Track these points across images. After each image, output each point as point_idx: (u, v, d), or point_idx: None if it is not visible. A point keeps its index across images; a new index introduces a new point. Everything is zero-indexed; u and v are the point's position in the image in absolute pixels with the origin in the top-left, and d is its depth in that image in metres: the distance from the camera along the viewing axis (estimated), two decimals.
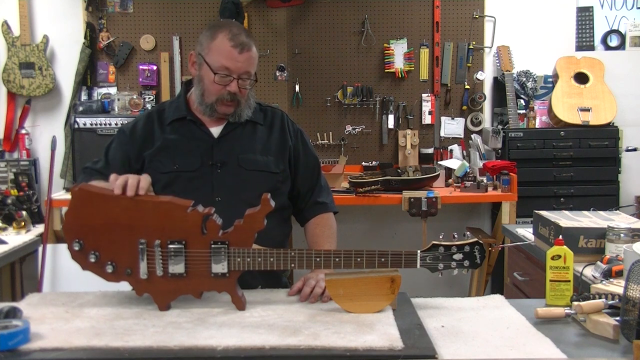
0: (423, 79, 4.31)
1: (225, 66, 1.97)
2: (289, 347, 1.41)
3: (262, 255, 1.68)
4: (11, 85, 4.07)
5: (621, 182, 4.07)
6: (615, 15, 4.33)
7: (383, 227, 4.35)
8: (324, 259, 1.67)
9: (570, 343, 1.47)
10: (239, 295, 1.69)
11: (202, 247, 1.67)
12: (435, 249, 1.67)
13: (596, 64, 4.20)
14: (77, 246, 1.70)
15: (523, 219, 3.46)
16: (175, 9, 4.22)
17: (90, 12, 4.17)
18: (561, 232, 2.02)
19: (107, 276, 1.72)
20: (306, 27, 4.28)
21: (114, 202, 1.70)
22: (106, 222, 1.69)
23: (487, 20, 4.30)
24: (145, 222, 1.68)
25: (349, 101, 4.28)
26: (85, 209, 1.70)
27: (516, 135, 3.97)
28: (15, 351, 1.40)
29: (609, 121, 4.03)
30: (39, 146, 4.20)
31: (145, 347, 1.43)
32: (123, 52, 4.19)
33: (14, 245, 2.79)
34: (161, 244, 1.67)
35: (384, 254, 1.66)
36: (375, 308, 1.64)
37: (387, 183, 3.69)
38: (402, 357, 1.37)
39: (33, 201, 3.53)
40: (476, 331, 1.54)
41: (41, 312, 1.67)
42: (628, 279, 1.44)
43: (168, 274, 1.68)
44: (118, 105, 4.11)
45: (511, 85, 4.11)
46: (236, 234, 1.67)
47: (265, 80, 4.27)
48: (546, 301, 1.73)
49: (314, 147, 4.21)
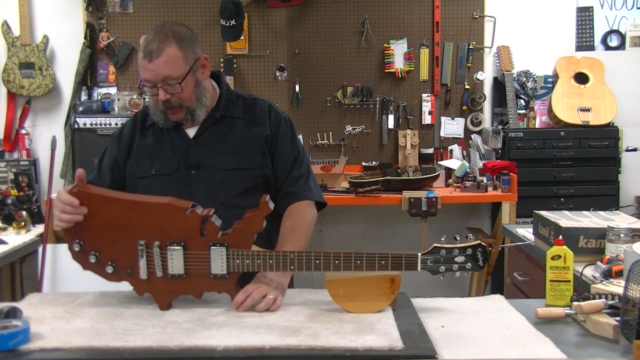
0: (423, 79, 4.31)
1: (144, 78, 1.95)
2: (289, 347, 1.41)
3: (261, 257, 1.67)
4: (11, 85, 4.07)
5: (621, 182, 4.07)
6: (615, 15, 4.33)
7: (383, 227, 4.35)
8: (323, 261, 1.66)
9: (570, 343, 1.47)
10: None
11: (201, 249, 1.67)
12: (436, 252, 1.66)
13: (596, 64, 4.20)
14: (77, 247, 1.71)
15: (523, 219, 3.46)
16: (175, 9, 4.22)
17: (90, 12, 4.17)
18: (561, 232, 2.02)
19: (108, 276, 1.72)
20: (306, 27, 4.28)
21: (113, 203, 1.71)
22: (106, 223, 1.70)
23: (487, 20, 4.30)
24: (145, 223, 1.68)
25: (349, 101, 4.28)
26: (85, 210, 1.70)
27: (516, 135, 3.96)
28: (15, 351, 1.40)
29: (609, 121, 4.03)
30: (39, 146, 4.20)
31: (145, 347, 1.43)
32: (123, 52, 4.19)
33: (14, 245, 2.79)
34: (160, 245, 1.67)
35: (384, 256, 1.65)
36: (375, 308, 1.64)
37: (387, 183, 3.69)
38: (402, 357, 1.37)
39: (33, 201, 3.53)
40: (476, 331, 1.53)
41: (41, 312, 1.67)
42: (628, 279, 1.44)
43: (168, 275, 1.68)
44: (118, 105, 4.10)
45: (511, 85, 4.11)
46: (235, 236, 1.67)
47: (265, 80, 4.27)
48: (546, 301, 1.73)
49: (314, 147, 4.29)
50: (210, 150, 2.01)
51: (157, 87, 1.92)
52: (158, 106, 1.97)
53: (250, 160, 2.01)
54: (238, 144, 2.03)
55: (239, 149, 2.02)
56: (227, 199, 1.88)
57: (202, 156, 2.01)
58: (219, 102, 2.07)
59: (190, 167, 2.00)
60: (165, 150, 2.03)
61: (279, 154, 2.06)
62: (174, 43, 1.91)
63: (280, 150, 2.06)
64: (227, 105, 2.07)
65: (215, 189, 1.96)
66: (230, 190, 1.96)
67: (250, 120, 2.07)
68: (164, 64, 1.90)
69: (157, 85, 1.92)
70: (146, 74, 1.92)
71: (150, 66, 1.90)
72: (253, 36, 4.25)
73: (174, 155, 2.02)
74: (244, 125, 2.06)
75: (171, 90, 1.92)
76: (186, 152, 2.01)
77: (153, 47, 1.90)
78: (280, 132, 2.07)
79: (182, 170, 2.00)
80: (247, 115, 2.08)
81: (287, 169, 2.06)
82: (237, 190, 1.97)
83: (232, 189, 1.96)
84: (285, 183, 2.05)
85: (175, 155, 2.01)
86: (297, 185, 2.05)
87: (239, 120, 2.06)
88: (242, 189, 1.98)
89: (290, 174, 2.06)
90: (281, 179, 2.06)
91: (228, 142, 2.03)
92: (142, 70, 1.93)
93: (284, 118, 2.11)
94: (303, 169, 2.09)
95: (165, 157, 2.02)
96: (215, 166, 2.00)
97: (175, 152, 2.02)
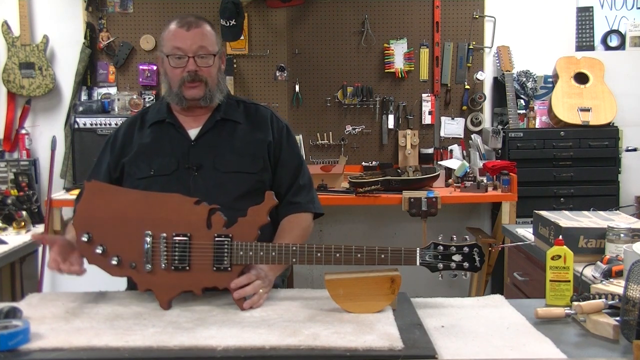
0: (423, 79, 4.31)
1: (176, 46, 1.98)
2: (289, 347, 1.41)
3: (264, 249, 1.68)
4: (11, 85, 4.07)
5: (621, 182, 4.06)
6: (615, 15, 4.33)
7: (383, 227, 4.35)
8: (324, 253, 1.68)
9: (570, 343, 1.47)
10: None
11: (206, 241, 1.68)
12: (434, 248, 1.68)
13: (596, 64, 4.20)
14: (85, 237, 1.72)
15: (523, 219, 3.45)
16: (175, 9, 4.22)
17: (90, 12, 4.17)
18: (561, 232, 2.02)
19: (112, 269, 1.73)
20: (306, 27, 4.28)
21: (125, 195, 1.75)
22: (116, 215, 1.72)
23: (487, 20, 4.30)
24: (153, 215, 1.70)
25: (349, 101, 4.28)
26: (97, 201, 1.74)
27: (516, 135, 3.96)
28: (15, 351, 1.40)
29: (609, 121, 4.03)
30: (39, 146, 4.20)
31: (145, 347, 1.43)
32: (123, 52, 4.19)
33: (14, 245, 2.79)
34: (167, 236, 1.69)
35: (383, 250, 1.68)
36: (375, 308, 1.64)
37: (387, 183, 3.69)
38: (402, 357, 1.37)
39: (33, 201, 3.52)
40: (476, 331, 1.54)
41: (41, 312, 1.67)
42: (628, 279, 1.44)
43: (171, 267, 1.69)
44: (118, 105, 4.11)
45: (511, 85, 4.11)
46: (240, 228, 1.69)
47: (265, 80, 4.27)
48: (546, 301, 1.73)
49: (314, 147, 4.29)
50: (211, 151, 2.02)
51: (187, 56, 1.97)
52: (180, 79, 1.99)
53: (252, 164, 2.02)
54: (240, 147, 2.04)
55: (241, 153, 2.03)
56: (226, 201, 1.87)
57: (203, 157, 2.01)
58: (220, 104, 2.08)
59: (191, 168, 2.00)
60: (165, 150, 2.03)
61: (282, 161, 2.09)
62: (208, 24, 2.02)
63: (283, 158, 2.09)
64: (228, 109, 2.09)
65: (214, 190, 1.96)
66: (230, 193, 1.96)
67: (252, 125, 2.09)
68: (201, 35, 1.99)
69: (188, 54, 1.97)
70: (180, 41, 1.97)
71: (187, 34, 1.97)
72: (253, 36, 4.25)
73: (173, 155, 2.02)
74: (246, 129, 2.08)
75: (202, 63, 1.99)
76: (186, 152, 2.02)
77: (191, 20, 2.00)
78: (282, 139, 2.11)
79: (181, 171, 2.00)
80: (249, 120, 2.10)
81: (290, 176, 2.10)
82: (237, 193, 1.97)
83: (232, 191, 1.97)
84: (290, 192, 2.09)
85: (175, 155, 2.02)
86: (301, 195, 2.10)
87: (241, 124, 2.08)
88: (241, 192, 1.98)
89: (295, 182, 2.10)
90: (283, 186, 2.09)
91: (230, 144, 2.04)
92: (176, 38, 1.98)
93: (285, 126, 2.15)
94: (306, 178, 2.14)
95: (164, 158, 2.02)
96: (216, 168, 2.00)
97: (175, 152, 2.02)
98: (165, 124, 2.07)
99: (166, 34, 2.02)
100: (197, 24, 1.99)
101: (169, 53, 1.99)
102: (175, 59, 1.99)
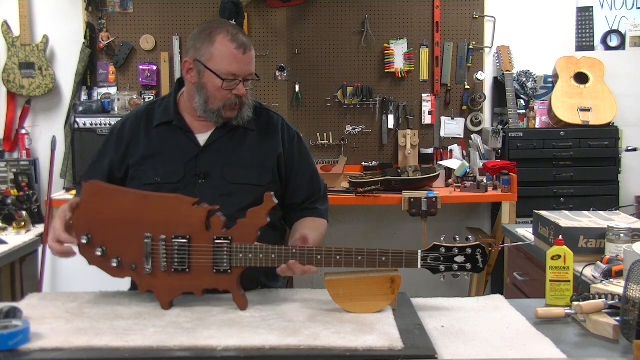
0: (423, 79, 4.31)
1: (232, 72, 1.91)
2: (289, 347, 1.41)
3: (263, 251, 1.68)
4: (11, 85, 4.07)
5: (621, 182, 4.06)
6: (615, 15, 4.33)
7: (383, 227, 4.35)
8: (325, 256, 1.68)
9: (570, 343, 1.47)
10: (240, 294, 1.70)
11: (205, 243, 1.68)
12: (436, 250, 1.67)
13: (596, 64, 4.20)
14: (85, 239, 1.72)
15: (523, 219, 3.46)
16: (175, 9, 4.22)
17: (90, 12, 4.17)
18: (561, 232, 2.02)
19: (112, 271, 1.73)
20: (306, 27, 4.28)
21: (124, 196, 1.74)
22: (115, 216, 1.71)
23: (487, 20, 4.30)
24: (152, 216, 1.70)
25: (349, 101, 4.28)
26: (95, 203, 1.73)
27: (516, 135, 3.96)
28: (15, 351, 1.40)
29: (609, 121, 4.03)
30: (39, 146, 4.20)
31: (145, 347, 1.43)
32: (123, 52, 4.19)
33: (14, 245, 2.79)
34: (166, 238, 1.69)
35: (384, 253, 1.67)
36: (375, 308, 1.64)
37: (387, 183, 3.69)
38: (402, 357, 1.37)
39: (33, 201, 3.53)
40: (476, 331, 1.54)
41: (41, 312, 1.67)
42: (628, 279, 1.44)
43: (171, 269, 1.69)
44: (118, 105, 4.10)
45: (511, 86, 4.11)
46: (239, 230, 1.69)
47: (265, 80, 4.27)
48: (546, 301, 1.73)
49: (314, 147, 4.28)
50: (220, 160, 1.99)
51: (239, 80, 1.93)
52: (225, 100, 1.94)
53: (260, 177, 2.00)
54: (250, 157, 2.01)
55: (250, 164, 2.00)
56: (229, 212, 1.82)
57: (212, 165, 1.98)
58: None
59: (198, 176, 1.97)
60: (172, 155, 1.98)
61: (297, 172, 2.08)
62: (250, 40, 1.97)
63: (297, 168, 2.08)
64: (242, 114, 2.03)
65: (220, 200, 1.90)
66: (235, 204, 1.91)
67: (263, 132, 2.06)
68: (253, 59, 1.96)
69: (241, 79, 1.93)
70: (237, 67, 1.91)
71: (244, 59, 1.92)
72: (253, 36, 4.24)
73: (180, 161, 1.97)
74: (257, 137, 2.04)
75: (247, 86, 1.96)
76: (194, 159, 1.98)
77: (244, 40, 1.93)
78: (294, 150, 2.09)
79: (187, 179, 1.96)
80: (259, 127, 2.06)
81: (306, 185, 2.09)
82: (242, 205, 1.90)
83: (237, 202, 1.92)
84: (308, 200, 2.09)
85: (182, 161, 1.97)
86: (319, 202, 2.11)
87: (251, 132, 2.04)
88: (247, 203, 1.90)
89: (313, 191, 2.10)
90: (300, 195, 2.08)
91: (239, 154, 2.01)
92: (233, 62, 1.91)
93: (296, 134, 2.12)
94: (322, 187, 2.15)
95: (171, 165, 1.97)
96: (224, 178, 1.97)
97: (182, 158, 1.98)
98: (172, 126, 2.02)
99: (217, 50, 1.91)
100: (250, 45, 1.93)
101: (223, 76, 1.91)
102: (227, 83, 1.92)
